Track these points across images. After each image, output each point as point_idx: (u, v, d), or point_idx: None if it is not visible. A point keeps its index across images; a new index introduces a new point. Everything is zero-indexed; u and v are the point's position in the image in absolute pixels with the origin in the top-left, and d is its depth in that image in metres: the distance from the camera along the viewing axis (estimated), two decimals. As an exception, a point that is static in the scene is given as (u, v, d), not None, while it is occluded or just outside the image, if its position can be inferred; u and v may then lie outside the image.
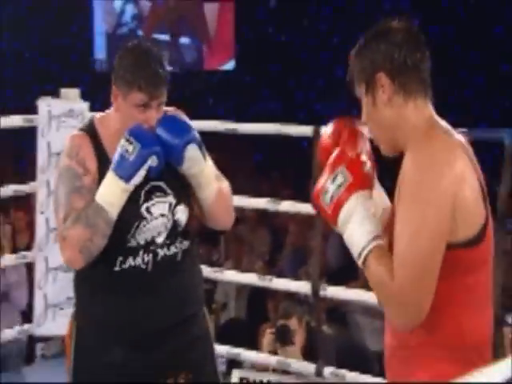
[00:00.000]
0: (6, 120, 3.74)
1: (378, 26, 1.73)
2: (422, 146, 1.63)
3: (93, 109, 3.85)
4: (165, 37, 11.20)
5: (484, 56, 9.56)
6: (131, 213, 2.21)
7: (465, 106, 9.38)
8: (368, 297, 3.29)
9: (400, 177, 1.66)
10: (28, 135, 4.34)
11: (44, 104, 3.81)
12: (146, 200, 2.23)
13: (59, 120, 3.83)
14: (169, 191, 2.25)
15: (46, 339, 4.25)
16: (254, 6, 10.62)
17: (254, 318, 5.12)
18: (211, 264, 4.72)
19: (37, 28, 10.89)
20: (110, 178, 2.15)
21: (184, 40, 11.24)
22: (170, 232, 2.26)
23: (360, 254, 1.67)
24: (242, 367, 3.97)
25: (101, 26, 11.20)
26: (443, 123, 1.72)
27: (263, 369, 3.85)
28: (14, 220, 5.84)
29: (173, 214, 2.25)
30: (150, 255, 2.24)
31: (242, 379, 3.71)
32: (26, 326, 4.01)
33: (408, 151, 1.65)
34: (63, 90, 3.93)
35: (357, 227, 1.68)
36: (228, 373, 4.17)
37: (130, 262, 2.23)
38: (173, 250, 2.27)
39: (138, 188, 2.19)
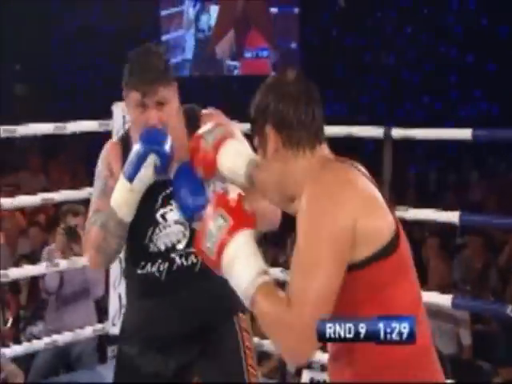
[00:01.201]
0: (82, 124, 3.83)
1: (273, 76, 1.73)
2: (314, 181, 1.60)
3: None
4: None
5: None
6: (146, 218, 2.20)
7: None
8: (437, 300, 3.28)
9: (298, 216, 1.62)
10: (100, 140, 4.42)
11: (119, 109, 3.84)
12: (163, 205, 2.21)
13: (133, 124, 3.91)
14: None
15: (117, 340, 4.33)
16: (319, 9, 10.63)
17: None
18: (278, 266, 4.74)
19: (107, 35, 11.11)
20: (120, 179, 2.15)
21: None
22: (191, 240, 2.18)
23: (246, 295, 1.60)
24: (311, 368, 3.99)
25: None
26: (334, 157, 1.70)
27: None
28: (85, 221, 5.97)
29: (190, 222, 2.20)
30: (167, 264, 2.23)
31: (312, 380, 3.73)
32: (102, 325, 4.09)
33: (304, 189, 1.61)
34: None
35: (241, 268, 1.62)
36: (297, 373, 4.19)
37: (148, 268, 2.24)
38: (191, 260, 2.23)
39: (156, 193, 2.18)
